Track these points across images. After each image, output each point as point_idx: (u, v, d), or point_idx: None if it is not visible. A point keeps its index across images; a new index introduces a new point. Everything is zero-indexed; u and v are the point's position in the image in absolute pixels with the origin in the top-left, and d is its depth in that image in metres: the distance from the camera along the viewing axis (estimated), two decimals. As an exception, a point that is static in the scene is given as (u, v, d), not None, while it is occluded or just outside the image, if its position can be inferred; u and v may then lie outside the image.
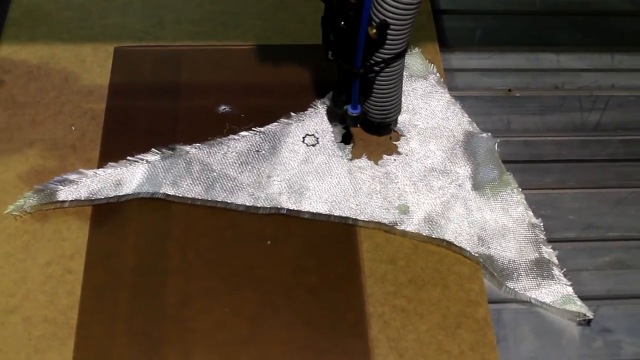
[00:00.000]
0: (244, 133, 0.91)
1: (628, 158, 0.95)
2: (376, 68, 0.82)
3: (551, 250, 0.84)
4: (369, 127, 0.91)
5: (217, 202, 0.85)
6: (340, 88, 0.83)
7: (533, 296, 0.81)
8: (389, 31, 0.77)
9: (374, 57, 0.81)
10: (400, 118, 0.93)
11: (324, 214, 0.85)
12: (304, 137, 0.90)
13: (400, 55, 0.82)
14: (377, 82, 0.84)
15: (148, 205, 0.85)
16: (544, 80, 1.02)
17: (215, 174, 0.87)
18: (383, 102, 0.87)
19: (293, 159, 0.89)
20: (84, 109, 0.93)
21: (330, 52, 0.81)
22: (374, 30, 0.76)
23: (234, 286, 0.80)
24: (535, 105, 0.99)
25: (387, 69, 0.83)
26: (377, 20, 0.76)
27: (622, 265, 0.86)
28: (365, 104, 0.87)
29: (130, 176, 0.86)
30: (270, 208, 0.85)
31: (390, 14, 0.76)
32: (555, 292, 0.81)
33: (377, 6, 0.76)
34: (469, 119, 0.94)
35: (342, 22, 0.77)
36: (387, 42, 0.79)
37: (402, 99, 0.94)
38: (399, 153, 0.90)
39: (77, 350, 0.75)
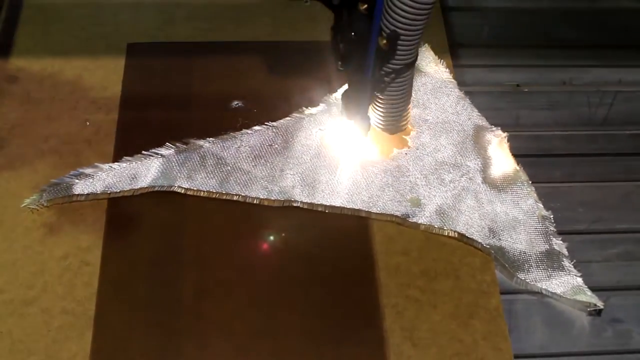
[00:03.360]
0: (257, 127, 0.92)
1: (636, 152, 0.96)
2: (386, 78, 0.82)
3: (561, 242, 0.85)
4: None
5: (231, 195, 0.86)
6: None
7: (544, 287, 0.82)
8: (399, 41, 0.77)
9: (384, 68, 0.81)
10: (411, 113, 0.94)
11: (337, 207, 0.86)
12: (316, 132, 0.91)
13: (410, 66, 0.81)
14: (387, 92, 0.84)
15: (163, 199, 0.86)
16: (552, 75, 1.03)
17: (229, 168, 0.88)
18: (393, 112, 0.87)
19: (306, 152, 0.90)
20: (99, 105, 0.94)
21: (340, 63, 0.81)
22: (385, 41, 0.76)
23: (249, 278, 0.81)
24: (543, 101, 1.01)
25: (397, 79, 0.82)
26: (388, 31, 0.76)
27: (631, 256, 0.87)
28: (374, 113, 0.87)
29: (145, 170, 0.87)
30: (284, 201, 0.86)
31: (401, 25, 0.75)
32: (566, 283, 0.82)
33: (388, 16, 0.75)
34: (479, 114, 0.95)
35: (353, 33, 0.76)
36: (398, 52, 0.78)
37: (413, 94, 0.95)
38: (410, 147, 0.91)
39: (95, 341, 0.76)
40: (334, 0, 0.75)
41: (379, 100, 0.86)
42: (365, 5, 0.73)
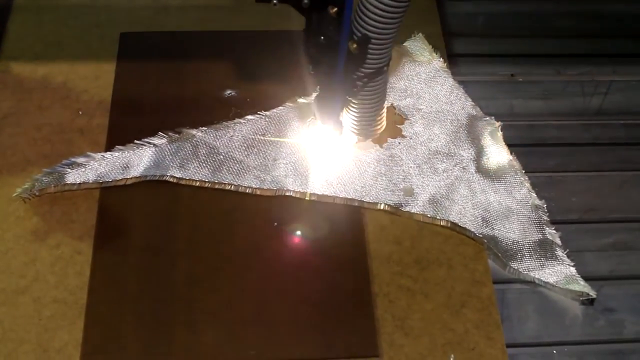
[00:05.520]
0: (249, 117, 0.91)
1: (629, 142, 0.96)
2: (359, 83, 0.80)
3: (554, 231, 0.85)
4: None
5: (223, 184, 0.86)
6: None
7: (537, 276, 0.82)
8: (370, 45, 0.76)
9: (356, 72, 0.79)
10: (404, 102, 0.94)
11: (330, 196, 0.86)
12: (309, 121, 0.91)
13: (382, 70, 0.80)
14: (359, 97, 0.83)
15: (155, 188, 0.86)
16: (546, 65, 1.03)
17: (221, 157, 0.88)
18: (366, 116, 0.86)
19: (298, 142, 0.90)
20: (91, 94, 0.94)
21: (311, 66, 0.79)
22: (355, 45, 0.75)
23: (241, 267, 0.81)
24: (537, 90, 1.00)
25: (369, 84, 0.81)
26: (358, 35, 0.75)
27: (625, 246, 0.87)
28: (347, 116, 0.87)
29: (138, 159, 0.87)
30: (277, 190, 0.86)
31: (372, 28, 0.74)
32: (559, 273, 0.82)
33: (359, 20, 0.74)
34: (473, 103, 0.94)
35: (322, 37, 0.75)
36: (369, 56, 0.77)
37: (407, 84, 0.95)
38: (403, 136, 0.91)
39: (86, 330, 0.76)
40: (304, 4, 0.73)
41: (352, 105, 0.85)
42: (336, 9, 0.72)
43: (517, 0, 1.10)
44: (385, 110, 0.88)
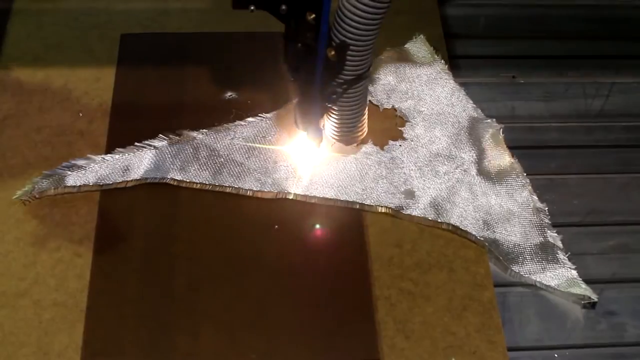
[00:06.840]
0: (250, 119, 0.91)
1: (631, 144, 0.96)
2: (338, 89, 0.80)
3: (556, 234, 0.85)
4: None
5: (224, 187, 0.86)
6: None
7: (538, 279, 0.82)
8: (349, 52, 0.75)
9: (335, 79, 0.79)
10: (405, 104, 0.93)
11: (331, 199, 0.86)
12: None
13: (362, 77, 0.80)
14: (339, 103, 0.83)
15: (156, 191, 0.86)
16: (548, 67, 1.03)
17: (222, 160, 0.88)
18: (347, 123, 0.86)
19: (299, 144, 0.89)
20: (91, 96, 0.94)
21: (290, 73, 0.79)
22: (333, 52, 0.74)
23: (242, 270, 0.81)
24: (539, 92, 1.00)
25: (349, 90, 0.81)
26: (337, 41, 0.75)
27: (626, 249, 0.87)
28: (328, 123, 0.86)
29: (138, 162, 0.87)
30: (277, 193, 0.86)
31: (350, 35, 0.74)
32: (560, 276, 0.82)
33: (337, 26, 0.74)
34: (474, 105, 0.94)
35: (300, 44, 0.74)
36: (348, 63, 0.77)
37: (408, 86, 0.94)
38: (404, 139, 0.91)
39: (86, 333, 0.76)
40: (282, 10, 0.73)
41: (333, 111, 0.84)
42: (313, 15, 0.71)
43: (518, 2, 1.10)
44: (366, 116, 0.88)
